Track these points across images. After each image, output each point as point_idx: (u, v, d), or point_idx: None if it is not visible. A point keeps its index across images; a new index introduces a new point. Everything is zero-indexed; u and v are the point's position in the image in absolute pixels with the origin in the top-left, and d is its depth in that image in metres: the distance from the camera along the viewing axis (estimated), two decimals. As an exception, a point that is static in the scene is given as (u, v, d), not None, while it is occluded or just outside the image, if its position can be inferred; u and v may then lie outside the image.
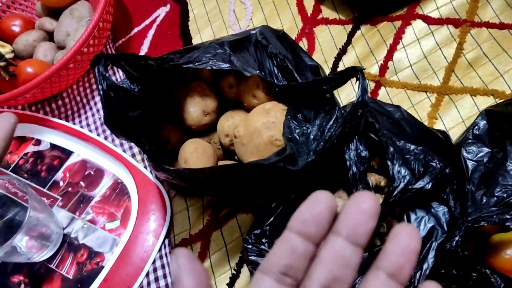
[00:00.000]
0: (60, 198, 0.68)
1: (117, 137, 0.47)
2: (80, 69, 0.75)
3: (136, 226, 0.63)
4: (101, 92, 0.45)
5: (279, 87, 0.53)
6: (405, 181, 0.43)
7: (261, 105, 0.55)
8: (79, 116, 0.77)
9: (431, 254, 0.43)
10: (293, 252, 0.24)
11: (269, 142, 0.52)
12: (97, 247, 0.64)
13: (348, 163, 0.45)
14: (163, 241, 0.61)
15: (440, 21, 0.70)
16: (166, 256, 0.61)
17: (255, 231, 0.48)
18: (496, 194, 0.48)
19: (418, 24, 0.71)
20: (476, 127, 0.54)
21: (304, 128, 0.50)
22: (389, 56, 0.70)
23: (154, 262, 0.60)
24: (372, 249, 0.46)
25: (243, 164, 0.44)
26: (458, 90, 0.65)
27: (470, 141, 0.54)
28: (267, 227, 0.48)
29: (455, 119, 0.63)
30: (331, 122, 0.47)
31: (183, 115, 0.59)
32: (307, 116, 0.51)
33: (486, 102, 0.63)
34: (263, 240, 0.48)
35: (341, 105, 0.56)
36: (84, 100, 0.78)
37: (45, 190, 0.70)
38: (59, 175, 0.71)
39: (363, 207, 0.24)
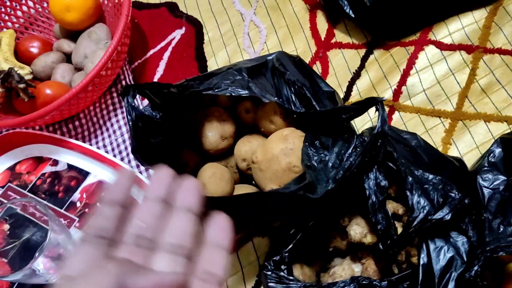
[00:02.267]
0: (77, 219, 0.69)
1: (142, 165, 0.48)
2: (98, 91, 0.76)
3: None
4: (130, 123, 0.46)
5: (297, 114, 0.54)
6: (425, 211, 0.44)
7: (279, 131, 0.56)
8: (96, 137, 0.78)
9: (451, 284, 0.44)
10: (104, 217, 0.28)
11: (287, 168, 0.53)
12: (114, 269, 0.64)
13: (367, 192, 0.46)
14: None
15: (452, 47, 0.71)
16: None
17: (274, 258, 0.49)
18: (513, 223, 0.49)
19: (431, 50, 0.72)
20: (491, 154, 0.55)
21: (322, 155, 0.51)
22: (402, 81, 0.71)
23: (170, 285, 0.61)
24: (391, 278, 0.46)
25: (264, 193, 0.45)
26: (471, 116, 0.65)
27: (486, 168, 0.54)
28: (286, 254, 0.49)
29: (469, 144, 0.64)
30: (349, 150, 0.48)
31: (201, 139, 0.60)
32: (325, 143, 0.52)
33: (500, 128, 0.63)
34: (282, 267, 0.48)
35: (355, 130, 0.56)
36: (101, 121, 0.79)
37: (62, 210, 0.71)
38: (76, 196, 0.72)
39: (162, 174, 0.31)
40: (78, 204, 0.71)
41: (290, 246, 0.49)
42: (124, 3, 0.74)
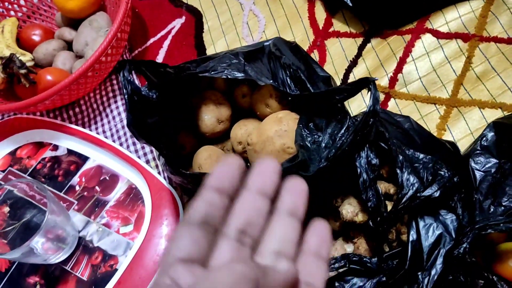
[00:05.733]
0: (76, 202, 0.70)
1: (138, 140, 0.49)
2: (98, 78, 0.77)
3: (150, 231, 0.64)
4: (126, 96, 0.47)
5: (292, 97, 0.55)
6: (414, 188, 0.45)
7: (274, 114, 0.57)
8: (95, 123, 0.79)
9: (439, 260, 0.44)
10: (211, 204, 0.26)
11: (281, 149, 0.54)
12: (111, 250, 0.65)
13: (359, 170, 0.47)
14: (176, 245, 0.63)
15: (449, 36, 0.72)
16: (179, 260, 0.62)
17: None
18: (503, 204, 0.49)
19: (427, 38, 0.72)
20: (484, 138, 0.56)
21: (315, 136, 0.52)
22: (398, 69, 0.71)
23: (166, 265, 0.62)
24: (381, 255, 0.47)
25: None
26: (466, 102, 0.66)
27: (478, 152, 0.55)
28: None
29: (464, 131, 0.64)
30: (342, 131, 0.49)
31: (198, 122, 0.61)
32: (319, 125, 0.53)
33: (494, 114, 0.64)
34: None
35: (349, 112, 0.57)
36: (101, 108, 0.80)
37: (61, 194, 0.72)
38: (75, 179, 0.73)
39: (267, 167, 0.29)
40: (77, 187, 0.72)
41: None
42: (125, -9, 0.75)
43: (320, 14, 0.81)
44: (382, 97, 0.70)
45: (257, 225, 0.27)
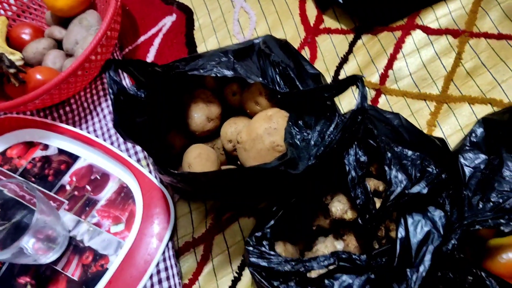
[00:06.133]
0: (67, 202, 0.70)
1: (125, 140, 0.48)
2: (88, 76, 0.77)
3: (141, 230, 0.64)
4: (112, 96, 0.46)
5: (281, 94, 0.55)
6: (402, 185, 0.45)
7: (264, 112, 0.57)
8: (86, 122, 0.78)
9: (428, 256, 0.44)
10: None
11: (271, 147, 0.54)
12: (102, 250, 0.65)
13: (347, 168, 0.47)
14: (167, 244, 0.63)
15: (439, 32, 0.72)
16: (170, 259, 0.62)
17: (256, 234, 0.50)
18: (492, 200, 0.50)
19: (418, 34, 0.72)
20: (473, 134, 0.56)
21: (305, 134, 0.52)
22: (389, 65, 0.71)
23: (158, 264, 0.62)
24: (370, 252, 0.47)
25: (245, 168, 0.46)
26: (456, 98, 0.66)
27: (467, 148, 0.55)
28: (268, 230, 0.49)
29: (454, 127, 0.64)
30: (331, 128, 0.49)
31: (188, 121, 0.61)
32: (308, 123, 0.53)
33: (484, 110, 0.64)
34: (264, 243, 0.49)
35: (342, 113, 0.57)
36: (91, 107, 0.80)
37: (52, 193, 0.71)
38: (66, 179, 0.72)
39: None
40: (68, 187, 0.72)
41: (272, 222, 0.50)
42: (114, -11, 0.74)
43: (311, 11, 0.81)
44: (373, 93, 0.70)
45: None
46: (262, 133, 0.54)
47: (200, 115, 0.60)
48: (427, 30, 0.72)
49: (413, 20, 0.74)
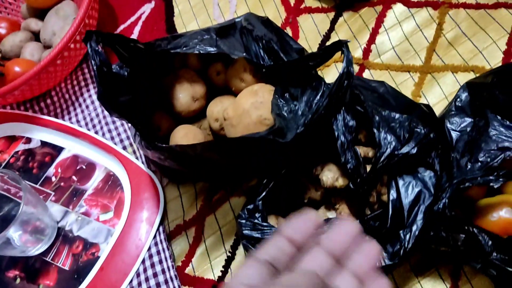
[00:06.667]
0: (53, 193, 0.69)
1: (110, 114, 0.47)
2: (68, 66, 0.75)
3: (130, 216, 0.63)
4: (95, 67, 0.45)
5: (266, 68, 0.55)
6: (391, 147, 0.45)
7: (249, 87, 0.56)
8: (69, 113, 0.77)
9: (420, 216, 0.44)
10: (280, 250, 0.29)
11: (258, 121, 0.53)
12: (92, 238, 0.64)
13: (336, 133, 0.47)
14: (158, 228, 0.62)
15: (419, 4, 0.72)
16: (161, 243, 0.61)
17: (248, 206, 0.49)
18: (480, 159, 0.50)
19: (398, 8, 0.73)
20: (458, 99, 0.56)
21: (292, 105, 0.52)
22: (372, 40, 0.71)
23: (149, 249, 0.61)
24: (363, 218, 0.47)
25: (233, 138, 0.45)
26: (440, 68, 0.66)
27: (453, 112, 0.55)
28: (260, 202, 0.49)
29: (438, 95, 0.65)
30: (318, 97, 0.49)
31: (173, 102, 0.60)
32: (294, 94, 0.53)
33: (467, 78, 0.64)
34: (256, 215, 0.49)
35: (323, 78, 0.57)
36: (73, 97, 0.78)
37: (37, 186, 0.70)
38: (51, 171, 0.71)
39: (345, 229, 0.30)
40: (54, 178, 0.70)
41: (263, 194, 0.49)
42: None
43: (291, -9, 0.80)
44: (356, 68, 0.70)
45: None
46: (248, 108, 0.54)
47: (185, 95, 0.60)
48: (407, 3, 0.73)
49: (393, -6, 0.74)
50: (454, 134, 0.54)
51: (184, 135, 0.57)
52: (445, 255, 0.51)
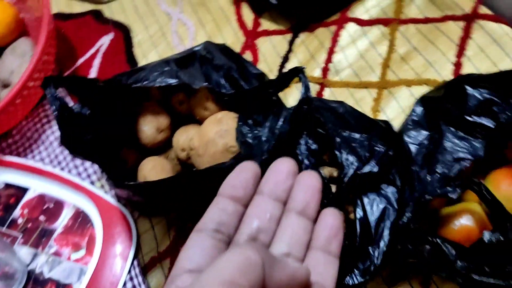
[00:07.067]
0: (21, 235, 0.67)
1: (74, 156, 0.47)
2: (28, 104, 0.75)
3: (103, 252, 0.62)
4: (55, 113, 0.45)
5: (228, 96, 0.56)
6: (354, 167, 0.46)
7: (213, 116, 0.57)
8: (32, 151, 0.76)
9: (386, 232, 0.46)
10: (224, 211, 0.26)
11: (224, 149, 0.54)
12: (65, 279, 0.63)
13: (300, 158, 0.48)
14: (132, 263, 0.62)
15: (371, 22, 0.75)
16: (137, 277, 0.61)
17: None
18: (438, 171, 0.52)
19: (351, 27, 0.75)
20: (414, 113, 0.59)
21: (255, 131, 0.53)
22: (329, 59, 0.74)
23: (125, 284, 0.60)
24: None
25: (201, 170, 0.46)
26: (395, 83, 0.69)
27: (410, 126, 0.58)
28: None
29: (396, 110, 0.67)
30: (280, 122, 0.50)
31: (138, 135, 0.60)
32: (258, 120, 0.54)
33: (421, 90, 0.67)
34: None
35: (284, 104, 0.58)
36: (35, 135, 0.77)
37: (3, 229, 0.68)
38: (16, 212, 0.69)
39: (281, 168, 0.28)
40: (20, 220, 0.69)
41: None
42: (45, 12, 0.73)
43: (248, 15, 0.82)
44: (317, 87, 0.72)
45: (269, 230, 0.27)
46: (213, 136, 0.54)
47: (150, 127, 0.60)
48: (359, 22, 0.75)
49: (345, 13, 0.77)
50: (413, 148, 0.56)
51: (152, 168, 0.57)
52: (414, 266, 0.53)
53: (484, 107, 0.52)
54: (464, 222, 0.51)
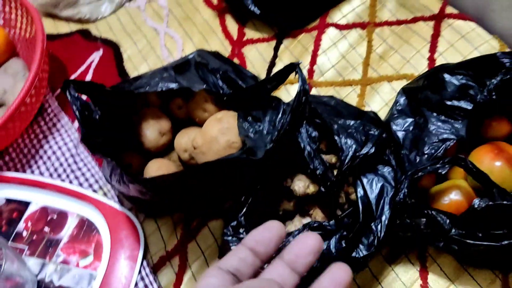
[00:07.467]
0: (27, 247, 0.68)
1: (93, 154, 0.50)
2: (25, 121, 0.76)
3: (112, 255, 0.64)
4: (77, 112, 0.48)
5: (227, 96, 0.59)
6: (353, 149, 0.50)
7: (213, 116, 0.61)
8: (30, 167, 0.77)
9: (386, 207, 0.50)
10: (243, 261, 0.29)
11: (227, 146, 0.57)
12: (75, 285, 0.64)
13: (302, 145, 0.52)
14: (142, 263, 0.63)
15: (348, 26, 0.81)
16: (147, 276, 0.62)
17: (232, 224, 0.53)
18: (425, 152, 0.57)
19: (331, 31, 0.81)
20: (398, 103, 0.64)
21: (256, 127, 0.56)
22: (313, 61, 0.79)
23: (136, 284, 0.62)
24: (337, 218, 0.52)
25: (212, 161, 0.49)
26: (376, 79, 0.75)
27: (395, 115, 0.63)
28: (242, 217, 0.53)
29: (379, 103, 0.72)
30: (280, 115, 0.54)
31: (141, 139, 0.63)
32: (257, 117, 0.57)
33: (401, 84, 0.72)
34: (241, 230, 0.52)
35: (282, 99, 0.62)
36: (33, 151, 0.78)
37: (9, 243, 0.69)
38: (20, 226, 0.70)
39: (308, 242, 0.30)
40: (25, 233, 0.70)
41: (244, 210, 0.53)
42: (38, 31, 0.75)
43: (232, 26, 0.87)
44: (304, 88, 0.77)
45: None
46: (216, 134, 0.58)
47: (152, 131, 0.63)
48: (338, 27, 0.81)
49: (324, 20, 0.82)
50: (400, 134, 0.61)
51: (158, 169, 0.60)
52: (410, 241, 0.57)
53: (462, 91, 0.57)
54: (453, 197, 0.56)
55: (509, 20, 0.72)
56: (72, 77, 0.87)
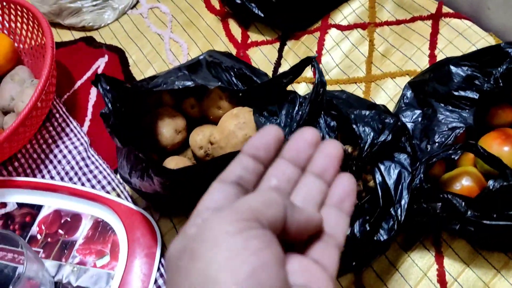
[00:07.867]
0: (42, 250, 0.68)
1: (123, 147, 0.50)
2: (35, 126, 0.76)
3: (129, 255, 0.64)
4: (109, 104, 0.49)
5: (243, 92, 0.61)
6: (371, 137, 0.52)
7: (229, 112, 0.62)
8: (40, 171, 0.77)
9: (405, 192, 0.52)
10: (245, 168, 0.28)
11: (244, 140, 0.59)
12: (93, 285, 0.64)
13: (321, 134, 0.53)
14: (160, 261, 0.64)
15: (350, 27, 0.84)
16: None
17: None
18: (436, 141, 0.59)
19: (333, 32, 0.83)
20: (405, 97, 0.66)
21: (272, 120, 0.58)
22: (318, 61, 0.81)
23: (156, 281, 0.62)
24: (357, 205, 0.53)
25: (232, 153, 0.50)
26: (380, 76, 0.77)
27: (403, 108, 0.65)
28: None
29: (385, 98, 0.75)
30: (297, 107, 0.56)
31: (157, 138, 0.64)
32: (273, 111, 0.59)
33: (405, 80, 0.75)
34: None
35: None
36: (42, 155, 0.79)
37: (23, 247, 0.69)
38: (34, 229, 0.70)
39: (305, 136, 0.30)
40: (39, 236, 0.70)
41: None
42: (47, 36, 0.76)
43: (235, 29, 0.89)
44: (310, 87, 0.79)
45: (285, 190, 0.29)
46: (233, 129, 0.59)
47: (168, 129, 0.64)
48: (340, 27, 0.84)
49: (326, 21, 0.85)
50: (410, 125, 0.63)
51: (176, 165, 0.61)
52: (425, 227, 0.59)
53: (468, 82, 0.60)
54: (464, 182, 0.58)
55: (504, 17, 0.76)
56: (79, 83, 0.88)
